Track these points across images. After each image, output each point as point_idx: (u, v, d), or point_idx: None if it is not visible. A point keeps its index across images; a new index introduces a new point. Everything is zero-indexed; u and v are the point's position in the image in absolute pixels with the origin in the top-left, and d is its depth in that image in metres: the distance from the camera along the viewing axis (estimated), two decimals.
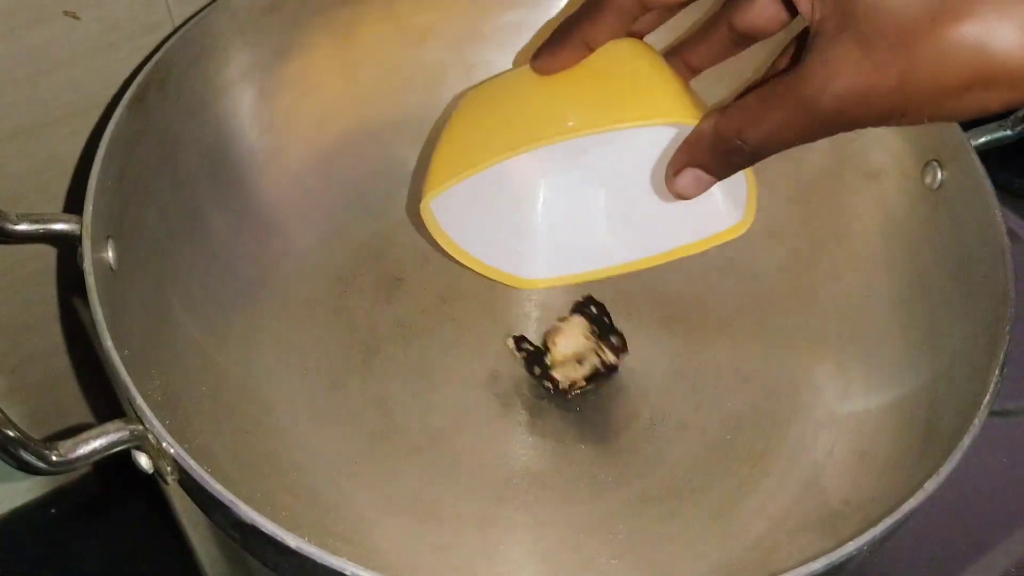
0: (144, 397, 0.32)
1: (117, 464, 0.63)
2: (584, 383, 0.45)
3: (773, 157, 0.32)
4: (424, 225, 0.41)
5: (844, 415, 0.44)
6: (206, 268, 0.44)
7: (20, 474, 0.59)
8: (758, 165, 0.33)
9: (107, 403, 0.59)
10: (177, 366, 0.40)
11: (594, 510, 0.42)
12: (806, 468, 0.43)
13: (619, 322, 0.47)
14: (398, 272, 0.49)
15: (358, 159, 0.51)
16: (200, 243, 0.44)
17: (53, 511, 0.62)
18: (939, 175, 0.43)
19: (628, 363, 0.46)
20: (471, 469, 0.43)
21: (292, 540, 0.28)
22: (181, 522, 0.44)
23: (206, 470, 0.30)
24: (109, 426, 0.31)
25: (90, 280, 0.34)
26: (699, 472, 0.44)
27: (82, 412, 0.59)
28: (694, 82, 0.40)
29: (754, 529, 0.41)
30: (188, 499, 0.35)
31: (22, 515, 0.61)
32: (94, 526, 0.62)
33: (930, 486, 0.32)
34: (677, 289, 0.50)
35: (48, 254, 0.50)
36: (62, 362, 0.55)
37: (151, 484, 0.45)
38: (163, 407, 0.34)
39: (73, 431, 0.31)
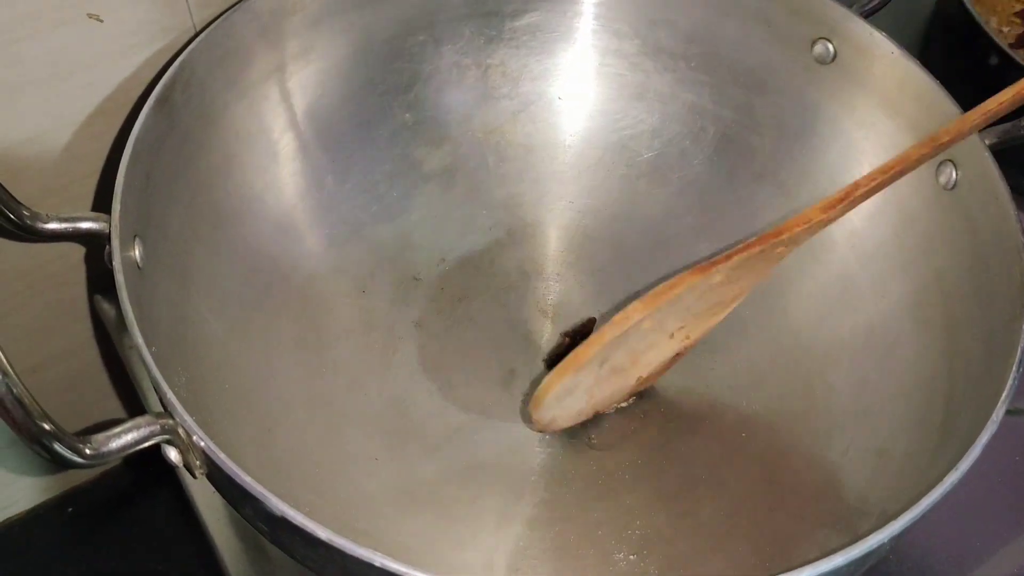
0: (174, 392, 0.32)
1: (134, 462, 0.63)
2: None
3: (784, 159, 0.32)
4: None
5: (860, 414, 0.44)
6: (228, 268, 0.45)
7: (37, 473, 0.60)
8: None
9: (124, 403, 0.60)
10: (201, 364, 0.40)
11: (611, 507, 0.43)
12: (822, 467, 0.43)
13: None
14: (415, 272, 0.50)
15: (375, 160, 0.51)
16: (222, 243, 0.45)
17: (70, 510, 0.62)
18: (953, 175, 0.43)
19: None
20: (489, 467, 0.44)
21: (323, 532, 0.29)
22: (202, 517, 0.44)
23: (236, 464, 0.30)
24: (140, 420, 0.31)
25: (119, 278, 0.34)
26: (714, 471, 0.44)
27: (98, 412, 0.59)
28: None
29: (770, 526, 0.42)
30: (211, 494, 0.35)
31: (39, 515, 0.62)
32: (111, 525, 0.62)
33: (949, 481, 0.32)
34: None
35: (68, 255, 0.50)
36: (80, 362, 0.56)
37: (167, 482, 0.46)
38: (189, 403, 0.35)
39: (90, 431, 0.31)
